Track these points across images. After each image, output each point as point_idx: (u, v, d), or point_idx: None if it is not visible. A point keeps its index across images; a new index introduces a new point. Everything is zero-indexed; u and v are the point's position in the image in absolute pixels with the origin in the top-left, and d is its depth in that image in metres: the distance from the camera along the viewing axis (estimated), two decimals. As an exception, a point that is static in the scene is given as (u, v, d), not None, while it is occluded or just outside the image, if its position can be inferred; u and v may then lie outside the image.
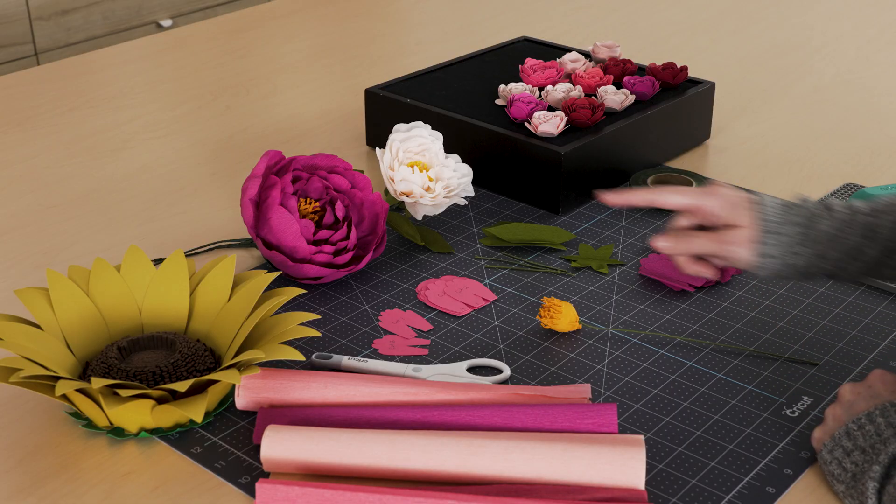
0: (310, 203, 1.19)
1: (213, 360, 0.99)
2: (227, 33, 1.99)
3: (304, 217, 1.18)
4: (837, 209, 0.99)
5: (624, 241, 1.26)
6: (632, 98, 1.40)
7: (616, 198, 1.05)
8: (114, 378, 0.95)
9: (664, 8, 2.13)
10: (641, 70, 1.53)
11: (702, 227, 1.05)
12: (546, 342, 1.08)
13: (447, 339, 1.08)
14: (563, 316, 1.08)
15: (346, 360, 1.03)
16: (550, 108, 1.42)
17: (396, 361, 1.05)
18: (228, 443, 0.94)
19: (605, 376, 1.03)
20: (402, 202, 1.31)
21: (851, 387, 0.91)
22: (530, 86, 1.44)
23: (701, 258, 1.04)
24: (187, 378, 0.95)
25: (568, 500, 0.84)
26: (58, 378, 0.94)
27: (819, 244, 0.98)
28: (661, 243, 1.02)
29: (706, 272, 1.03)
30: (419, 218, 1.24)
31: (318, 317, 0.98)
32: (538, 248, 1.25)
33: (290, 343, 1.08)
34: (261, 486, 0.84)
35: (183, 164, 1.47)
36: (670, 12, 2.10)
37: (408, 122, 1.44)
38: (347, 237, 1.18)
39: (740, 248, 0.99)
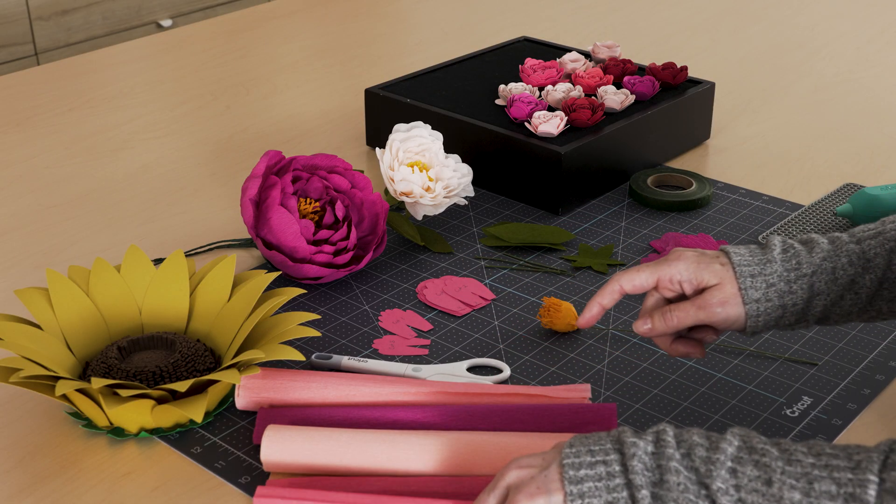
0: (310, 203, 1.19)
1: (213, 360, 0.99)
2: (227, 33, 1.99)
3: (304, 217, 1.18)
4: (818, 240, 0.89)
5: (624, 241, 1.26)
6: (632, 98, 1.40)
7: (588, 320, 0.93)
8: (114, 378, 0.95)
9: (664, 8, 2.12)
10: (641, 70, 1.53)
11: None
12: (546, 342, 1.08)
13: (447, 339, 1.08)
14: (562, 316, 1.08)
15: (346, 360, 1.03)
16: (550, 108, 1.41)
17: (396, 361, 1.05)
18: (228, 443, 0.94)
19: (605, 376, 1.03)
20: (402, 202, 1.31)
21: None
22: (530, 86, 1.44)
23: (686, 335, 0.94)
24: (187, 378, 0.95)
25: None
26: (58, 378, 0.94)
27: (805, 277, 0.87)
28: (642, 327, 0.90)
29: (695, 353, 0.92)
30: (419, 218, 1.24)
31: (318, 317, 0.98)
32: (538, 248, 1.25)
33: (290, 343, 1.08)
34: (259, 496, 0.84)
35: (183, 164, 1.47)
36: (670, 12, 2.10)
37: (408, 122, 1.44)
38: (347, 237, 1.18)
39: (724, 307, 0.87)
